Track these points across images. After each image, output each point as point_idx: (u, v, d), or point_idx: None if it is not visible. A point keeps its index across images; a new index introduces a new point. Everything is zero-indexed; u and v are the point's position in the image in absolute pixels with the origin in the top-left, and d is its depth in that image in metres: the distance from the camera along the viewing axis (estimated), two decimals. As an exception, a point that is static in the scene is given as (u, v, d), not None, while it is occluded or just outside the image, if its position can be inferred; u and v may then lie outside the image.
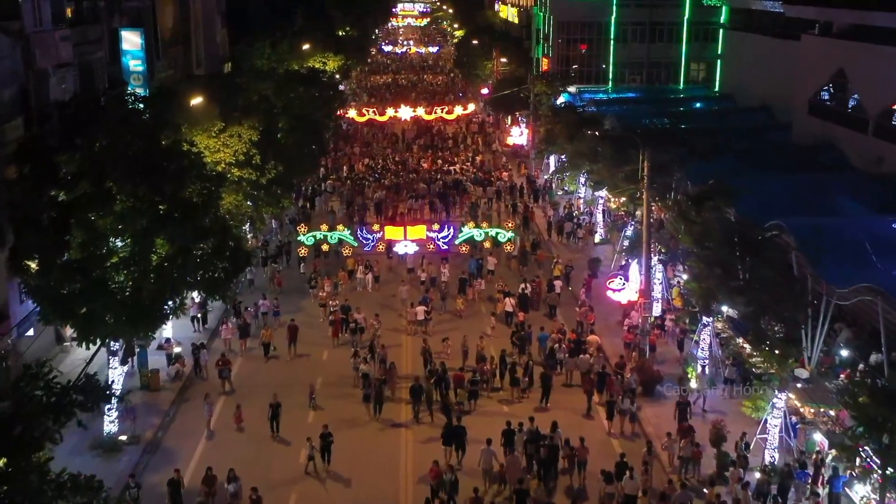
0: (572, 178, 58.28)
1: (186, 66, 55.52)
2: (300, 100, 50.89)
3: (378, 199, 56.23)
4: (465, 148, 77.42)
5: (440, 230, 35.88)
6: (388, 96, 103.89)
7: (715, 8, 76.72)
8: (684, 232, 33.96)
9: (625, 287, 36.01)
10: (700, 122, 55.34)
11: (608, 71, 78.22)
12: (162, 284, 27.56)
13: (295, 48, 65.14)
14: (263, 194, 40.08)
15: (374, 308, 39.15)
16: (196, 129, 37.03)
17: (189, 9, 56.34)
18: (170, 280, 27.63)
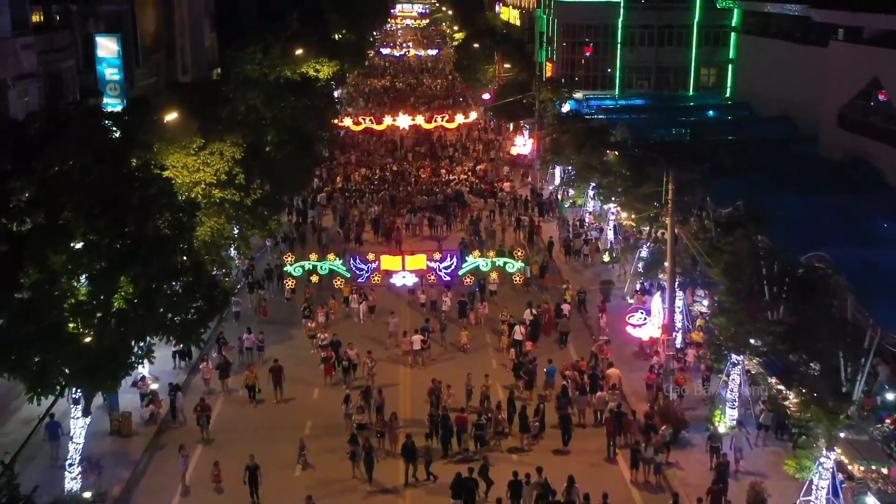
0: (580, 192, 54.63)
1: (171, 73, 51.90)
2: (291, 110, 47.22)
3: (374, 213, 52.52)
4: (465, 156, 73.73)
5: (442, 259, 32.18)
6: (386, 100, 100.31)
7: (726, 10, 73.07)
8: (713, 262, 30.38)
9: (646, 322, 32.39)
10: (715, 132, 51.67)
11: (615, 76, 74.67)
12: (125, 330, 23.89)
13: (288, 53, 61.43)
14: (248, 216, 36.42)
15: (367, 342, 35.53)
16: (173, 146, 33.38)
17: (173, 12, 52.69)
18: (135, 325, 23.96)
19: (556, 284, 43.78)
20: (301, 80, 53.26)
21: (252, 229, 36.94)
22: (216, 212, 34.85)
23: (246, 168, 35.75)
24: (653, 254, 43.42)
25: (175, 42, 52.79)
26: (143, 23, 47.08)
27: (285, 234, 46.68)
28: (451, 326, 37.81)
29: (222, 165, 34.31)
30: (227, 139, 34.82)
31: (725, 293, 30.76)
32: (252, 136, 39.46)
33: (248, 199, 35.54)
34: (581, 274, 46.89)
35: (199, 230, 33.82)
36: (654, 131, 52.21)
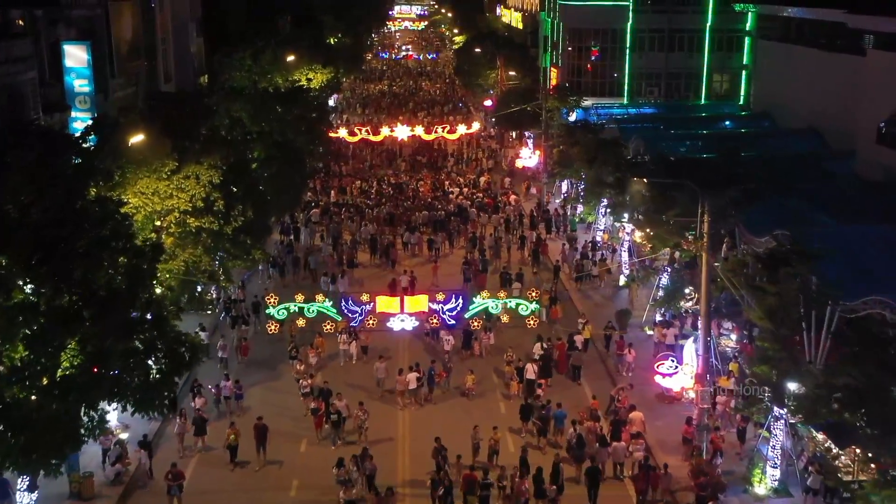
0: (591, 208, 50.64)
1: (151, 83, 47.80)
2: (280, 123, 43.15)
3: (370, 232, 48.33)
4: (467, 167, 69.59)
5: (446, 300, 28.11)
6: (384, 105, 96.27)
7: (740, 14, 69.08)
8: (756, 305, 26.43)
9: (677, 371, 28.38)
10: (736, 145, 47.48)
11: (623, 82, 70.63)
12: (72, 400, 19.90)
13: (279, 59, 57.32)
14: (229, 245, 32.38)
15: (357, 391, 31.39)
16: (142, 170, 29.34)
17: (154, 16, 48.58)
18: (83, 395, 19.97)
19: (569, 316, 39.69)
20: (291, 90, 49.00)
21: (233, 260, 32.87)
22: (192, 242, 30.82)
23: (226, 192, 31.73)
24: (674, 281, 39.49)
25: (156, 48, 48.73)
26: (119, 28, 42.98)
27: (274, 259, 42.45)
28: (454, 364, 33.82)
29: (198, 191, 30.26)
30: (205, 161, 30.74)
31: (769, 339, 26.87)
32: (236, 153, 35.44)
33: (229, 227, 31.48)
34: (592, 301, 42.78)
35: (172, 263, 29.89)
36: (671, 145, 48.16)
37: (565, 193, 58.92)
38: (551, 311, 38.60)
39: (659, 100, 70.62)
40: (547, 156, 58.94)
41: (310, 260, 43.10)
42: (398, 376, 31.45)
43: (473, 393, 32.14)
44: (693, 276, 38.50)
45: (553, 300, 39.02)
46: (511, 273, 44.45)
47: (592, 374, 35.58)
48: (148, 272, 21.57)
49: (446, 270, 45.94)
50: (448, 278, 44.55)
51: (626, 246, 46.11)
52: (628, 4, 69.19)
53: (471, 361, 34.17)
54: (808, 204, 35.50)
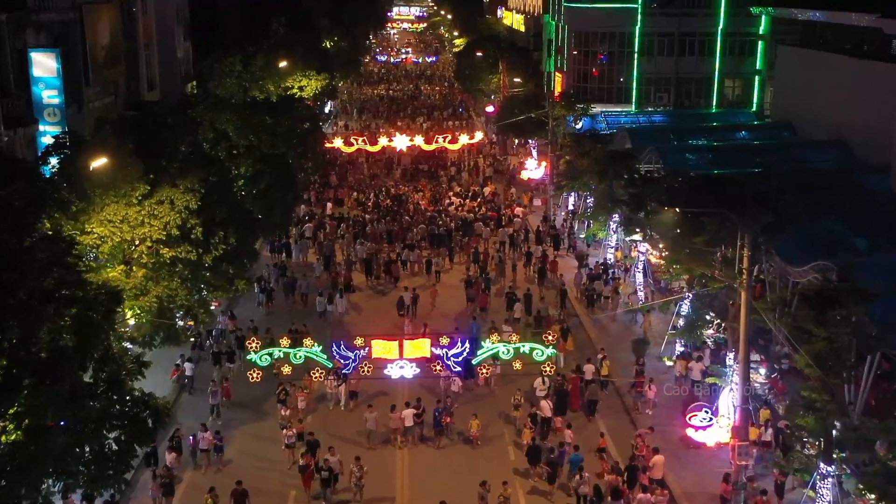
0: (602, 224, 47.18)
1: (133, 91, 44.37)
2: (270, 134, 39.73)
3: (367, 252, 44.82)
4: (469, 175, 66.10)
5: (451, 345, 24.69)
6: (382, 110, 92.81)
7: (753, 17, 65.74)
8: (803, 350, 23.09)
9: (712, 423, 25.00)
10: (756, 157, 44.16)
11: (631, 88, 67.25)
12: (11, 482, 16.53)
13: (271, 64, 53.89)
14: (209, 276, 28.97)
15: (346, 443, 27.86)
16: (110, 195, 25.94)
17: (136, 20, 45.13)
18: (23, 475, 16.59)
19: (581, 348, 36.31)
20: (283, 99, 45.52)
21: (214, 292, 29.45)
22: (166, 274, 27.43)
23: (207, 216, 28.32)
24: (696, 309, 36.07)
25: (139, 54, 45.31)
26: (95, 33, 39.50)
27: (262, 283, 38.99)
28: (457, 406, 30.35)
29: (173, 217, 26.87)
30: (182, 184, 27.34)
31: (817, 389, 23.54)
32: (219, 171, 32.03)
33: (209, 255, 28.07)
34: (605, 329, 39.27)
35: (143, 299, 26.51)
36: (687, 158, 44.79)
37: (573, 207, 55.50)
38: (559, 345, 35.09)
39: (668, 107, 67.36)
40: (553, 167, 55.54)
41: (299, 283, 39.60)
42: (391, 413, 28.18)
43: (478, 441, 28.71)
44: (714, 299, 35.26)
45: (564, 332, 35.55)
46: (517, 293, 41.25)
47: (609, 409, 32.35)
48: (102, 326, 18.14)
49: (447, 288, 42.87)
50: (449, 299, 41.50)
51: (640, 266, 42.70)
52: (637, 7, 65.83)
53: (474, 403, 30.67)
54: (843, 225, 32.25)
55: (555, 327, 35.91)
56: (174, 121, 34.09)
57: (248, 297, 38.53)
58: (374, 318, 39.45)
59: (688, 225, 32.09)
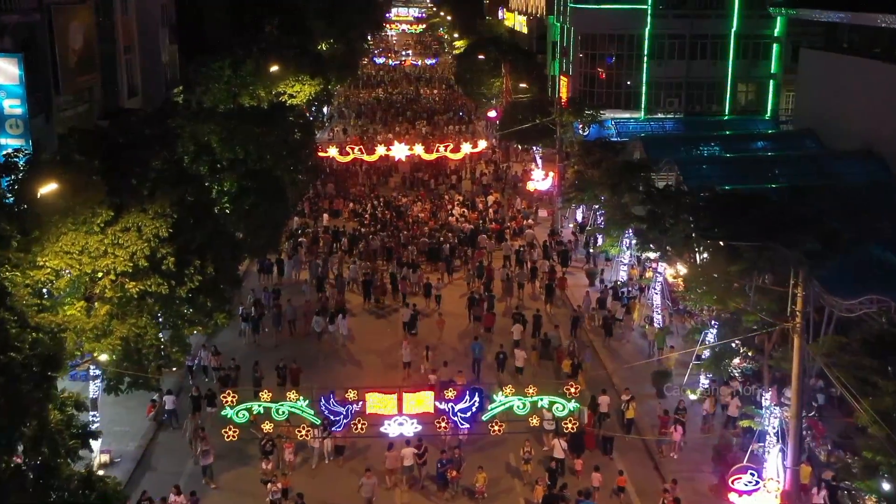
0: (614, 240, 43.81)
1: (111, 98, 40.96)
2: (258, 146, 36.31)
3: (363, 272, 41.34)
4: (473, 183, 62.66)
5: (458, 399, 21.21)
6: (380, 115, 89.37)
7: (768, 19, 62.50)
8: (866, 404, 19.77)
9: (759, 487, 21.63)
10: (782, 170, 40.85)
11: (640, 93, 63.93)
12: None
13: (262, 68, 50.47)
14: (185, 309, 25.56)
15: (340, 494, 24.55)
16: (66, 223, 22.55)
17: (114, 21, 41.69)
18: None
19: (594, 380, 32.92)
20: (273, 107, 42.02)
21: (190, 327, 26.04)
22: (134, 311, 24.02)
23: (181, 243, 24.91)
24: (723, 337, 32.64)
25: (117, 58, 41.90)
26: (66, 36, 36.05)
27: (246, 313, 35.51)
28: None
29: (140, 247, 23.48)
30: (151, 208, 23.94)
31: (881, 448, 20.22)
32: (199, 190, 28.62)
33: (183, 288, 24.67)
34: (621, 358, 35.75)
35: (106, 340, 23.12)
36: (707, 170, 41.49)
37: (582, 219, 52.16)
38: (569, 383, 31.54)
39: (678, 112, 64.08)
40: (561, 177, 52.14)
41: (286, 309, 36.11)
42: (388, 452, 24.88)
43: (485, 496, 25.29)
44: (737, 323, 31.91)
45: (575, 368, 32.06)
46: (524, 313, 37.95)
47: (628, 448, 29.19)
48: (36, 397, 14.77)
49: (446, 304, 39.73)
50: (448, 317, 38.34)
51: (657, 287, 39.28)
52: (646, 8, 62.61)
53: (480, 453, 27.22)
54: (889, 251, 28.89)
55: (566, 362, 32.49)
56: (150, 133, 30.74)
57: (235, 325, 35.09)
58: (371, 344, 36.33)
59: (719, 250, 28.72)
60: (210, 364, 31.11)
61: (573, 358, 32.76)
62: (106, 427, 28.07)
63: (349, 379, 32.72)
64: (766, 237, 25.92)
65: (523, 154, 70.23)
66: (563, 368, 32.27)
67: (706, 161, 42.93)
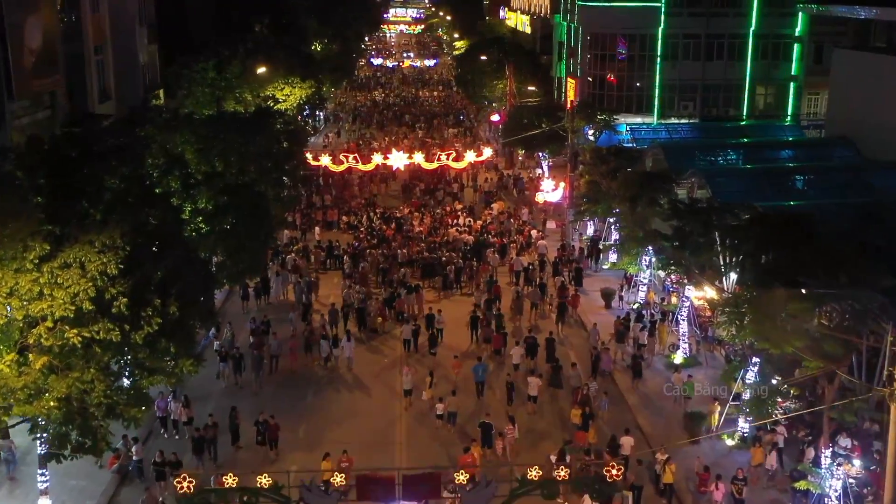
0: (633, 258, 39.59)
1: (78, 103, 36.65)
2: (238, 157, 32.02)
3: (357, 297, 36.85)
4: (476, 191, 58.34)
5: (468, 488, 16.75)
6: (377, 119, 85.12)
7: (788, 17, 58.47)
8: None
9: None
10: (824, 183, 36.57)
11: (653, 96, 59.73)
12: None
13: (249, 70, 46.14)
14: (143, 356, 21.23)
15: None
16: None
17: (82, 18, 37.36)
18: None
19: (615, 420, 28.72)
20: (256, 113, 37.55)
21: (151, 377, 21.71)
22: (78, 362, 19.73)
23: (140, 278, 20.62)
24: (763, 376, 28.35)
25: (86, 59, 37.53)
26: (21, 34, 31.63)
27: (224, 351, 30.96)
28: None
29: (84, 286, 19.17)
30: (98, 239, 19.63)
31: None
32: (165, 211, 24.31)
33: (140, 332, 20.35)
34: (646, 397, 31.30)
35: (43, 399, 18.82)
36: (738, 184, 37.18)
37: (594, 233, 47.94)
38: (576, 435, 27.27)
39: (694, 117, 59.92)
40: (572, 187, 47.84)
41: (268, 343, 31.67)
42: None
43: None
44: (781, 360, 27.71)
45: (586, 418, 27.65)
46: (536, 336, 33.98)
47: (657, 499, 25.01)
48: None
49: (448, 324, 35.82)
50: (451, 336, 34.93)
51: (684, 313, 34.99)
52: (659, 6, 58.41)
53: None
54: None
55: (574, 411, 28.04)
56: (113, 143, 26.44)
57: (213, 363, 30.77)
58: (367, 377, 32.30)
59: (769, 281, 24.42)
60: (181, 418, 26.66)
61: (585, 406, 28.23)
62: (59, 482, 24.07)
63: (341, 422, 28.76)
64: (831, 269, 21.73)
65: (528, 160, 66.00)
66: (572, 419, 27.89)
67: (737, 173, 38.59)
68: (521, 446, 27.19)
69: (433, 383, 30.22)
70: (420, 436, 28.01)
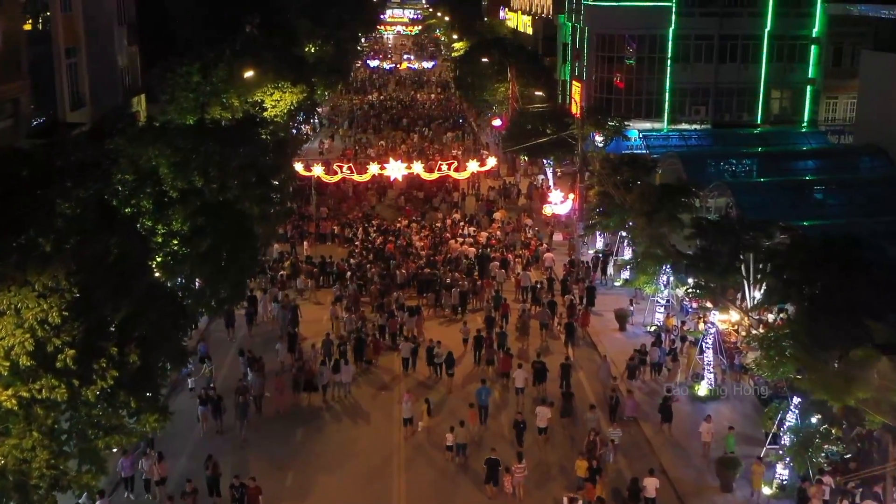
0: (649, 277, 36.30)
1: (47, 111, 33.26)
2: (219, 170, 28.68)
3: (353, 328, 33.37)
4: (479, 201, 54.97)
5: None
6: (373, 123, 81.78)
7: (805, 18, 55.24)
8: None
9: None
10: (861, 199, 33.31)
11: (663, 100, 56.43)
12: None
13: (236, 74, 42.78)
14: (98, 413, 17.91)
15: None
16: None
17: (51, 18, 33.99)
18: None
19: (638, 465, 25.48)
20: (241, 123, 34.08)
21: (108, 437, 18.37)
22: (18, 426, 16.42)
23: (95, 321, 17.31)
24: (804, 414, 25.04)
25: (56, 63, 34.17)
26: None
27: (206, 394, 27.21)
28: None
29: (20, 339, 15.86)
30: (38, 280, 16.32)
31: None
32: (129, 240, 20.97)
33: (93, 388, 17.03)
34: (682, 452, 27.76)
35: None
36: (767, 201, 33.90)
37: (605, 246, 44.72)
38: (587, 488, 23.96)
39: (705, 122, 56.65)
40: (582, 199, 44.52)
41: (250, 382, 28.13)
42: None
43: None
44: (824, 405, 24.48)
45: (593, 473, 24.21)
46: (544, 361, 30.99)
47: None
48: None
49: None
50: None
51: (709, 341, 31.68)
52: (670, 5, 55.10)
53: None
54: None
55: (580, 463, 24.66)
56: (75, 160, 23.11)
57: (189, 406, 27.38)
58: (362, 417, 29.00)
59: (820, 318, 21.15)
60: (153, 477, 23.18)
61: (590, 459, 24.82)
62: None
63: (332, 468, 25.59)
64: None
65: (531, 166, 62.70)
66: (577, 472, 24.58)
67: (763, 187, 35.26)
68: (531, 484, 24.57)
69: (430, 410, 27.65)
70: (421, 475, 25.31)
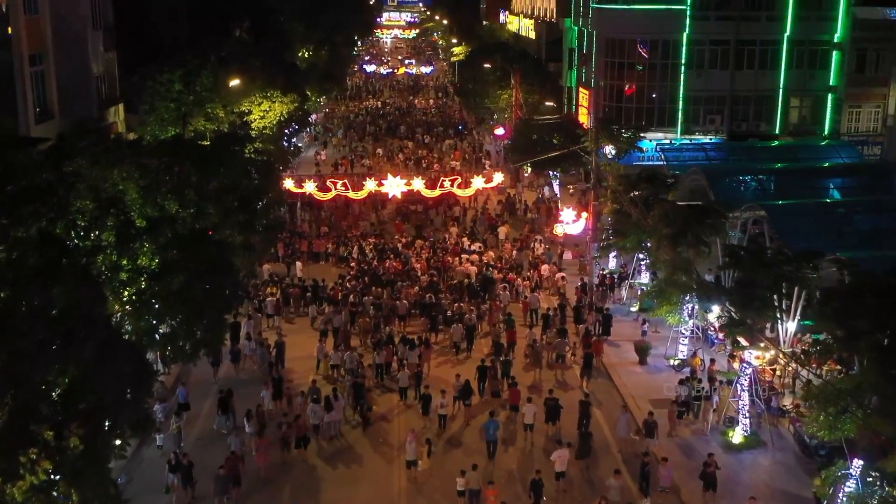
0: (674, 307, 32.66)
1: (7, 123, 29.62)
2: (196, 193, 25.11)
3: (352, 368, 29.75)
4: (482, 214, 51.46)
5: None
6: (370, 131, 78.26)
7: (827, 22, 51.94)
8: None
9: None
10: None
11: (676, 109, 53.03)
12: None
13: (221, 82, 39.16)
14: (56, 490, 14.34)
15: None
16: None
17: (12, 20, 30.35)
18: None
19: None
20: (221, 140, 30.37)
21: None
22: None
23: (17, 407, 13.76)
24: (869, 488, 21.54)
25: (18, 72, 30.52)
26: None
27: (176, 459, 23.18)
28: None
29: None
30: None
31: None
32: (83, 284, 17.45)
33: (19, 486, 13.49)
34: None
35: None
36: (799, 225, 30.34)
37: (619, 266, 41.35)
38: None
39: (721, 132, 53.29)
40: (595, 217, 40.95)
41: (229, 441, 24.47)
42: None
43: None
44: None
45: None
46: (557, 398, 27.92)
47: None
48: None
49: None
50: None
51: (745, 382, 28.16)
52: (684, 9, 51.71)
53: None
54: None
55: None
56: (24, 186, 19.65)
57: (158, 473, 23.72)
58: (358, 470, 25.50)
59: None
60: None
61: None
62: None
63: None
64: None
65: (536, 178, 59.22)
66: None
67: (804, 210, 31.60)
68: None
69: (431, 452, 24.86)
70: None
